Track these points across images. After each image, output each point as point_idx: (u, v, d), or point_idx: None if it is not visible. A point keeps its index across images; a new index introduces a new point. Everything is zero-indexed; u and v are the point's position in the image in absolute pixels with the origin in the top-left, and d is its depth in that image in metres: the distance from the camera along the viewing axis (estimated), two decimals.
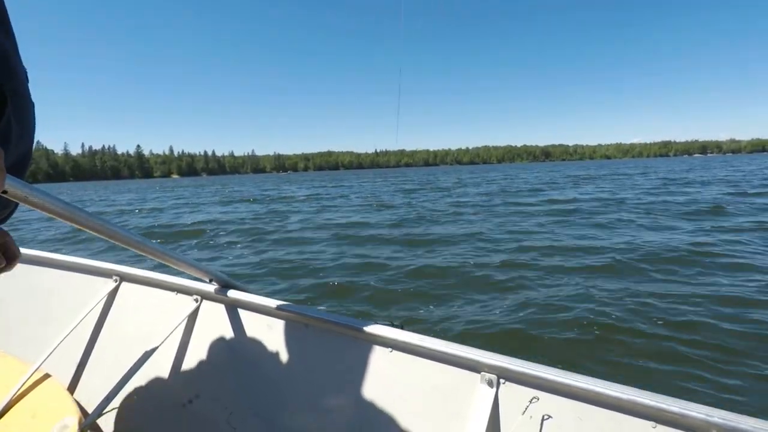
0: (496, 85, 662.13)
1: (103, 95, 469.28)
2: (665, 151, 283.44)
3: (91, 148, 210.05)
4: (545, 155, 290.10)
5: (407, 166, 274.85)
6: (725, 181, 18.56)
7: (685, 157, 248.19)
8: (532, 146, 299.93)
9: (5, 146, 0.45)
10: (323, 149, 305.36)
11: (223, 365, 1.05)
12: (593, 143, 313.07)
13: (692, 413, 0.61)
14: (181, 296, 1.16)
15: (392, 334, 0.88)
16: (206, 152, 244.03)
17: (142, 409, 1.07)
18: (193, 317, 1.11)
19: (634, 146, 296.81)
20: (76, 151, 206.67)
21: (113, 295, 1.24)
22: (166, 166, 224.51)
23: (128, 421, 1.06)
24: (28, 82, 0.52)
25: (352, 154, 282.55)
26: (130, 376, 0.97)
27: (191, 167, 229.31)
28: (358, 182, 38.49)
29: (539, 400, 0.74)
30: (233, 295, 1.05)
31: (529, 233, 7.43)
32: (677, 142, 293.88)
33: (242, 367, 1.02)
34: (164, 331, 1.06)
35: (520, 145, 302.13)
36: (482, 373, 0.79)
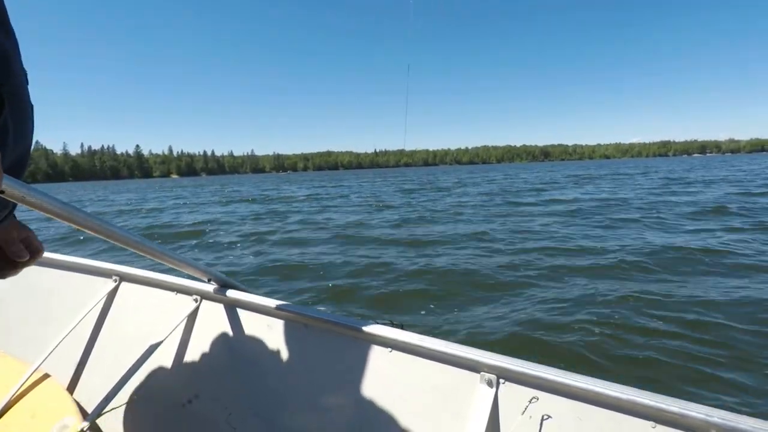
0: (495, 85, 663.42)
1: (102, 95, 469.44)
2: (664, 150, 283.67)
3: (90, 148, 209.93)
4: (544, 155, 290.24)
5: (406, 166, 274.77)
6: (727, 180, 18.50)
7: (684, 156, 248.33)
8: (531, 146, 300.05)
9: (2, 148, 0.45)
10: (323, 149, 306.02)
11: (222, 365, 1.05)
12: (592, 143, 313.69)
13: (692, 413, 0.61)
14: (180, 296, 1.15)
15: (392, 334, 0.87)
16: (205, 152, 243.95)
17: (141, 409, 1.07)
18: (192, 317, 1.11)
19: (633, 146, 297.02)
20: (75, 151, 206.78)
21: (113, 295, 1.24)
22: (165, 166, 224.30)
23: (128, 421, 1.06)
24: (27, 84, 0.52)
25: (351, 154, 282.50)
26: (129, 376, 0.97)
27: (190, 167, 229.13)
28: (357, 182, 38.41)
29: (539, 400, 0.74)
30: (233, 295, 1.05)
31: (532, 233, 7.35)
32: (676, 142, 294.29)
33: (242, 367, 1.02)
34: (164, 331, 1.06)
35: (519, 145, 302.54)
36: (482, 373, 0.79)
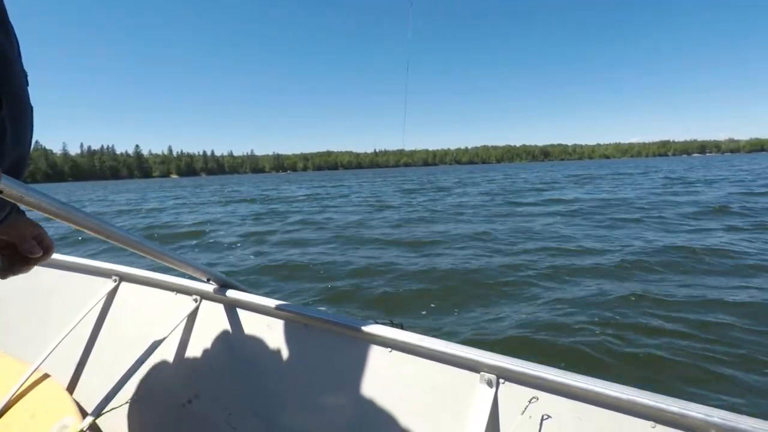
0: (495, 84, 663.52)
1: (102, 95, 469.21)
2: (664, 150, 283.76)
3: (89, 148, 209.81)
4: (544, 155, 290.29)
5: (406, 165, 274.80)
6: (729, 180, 18.46)
7: (683, 156, 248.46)
8: (531, 146, 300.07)
9: (0, 148, 0.44)
10: (322, 149, 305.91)
11: (222, 365, 1.05)
12: (592, 143, 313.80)
13: (691, 413, 0.61)
14: (180, 296, 1.15)
15: (392, 334, 0.88)
16: (205, 152, 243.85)
17: (141, 409, 1.07)
18: (192, 317, 1.11)
19: (632, 146, 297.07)
20: (74, 151, 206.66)
21: (112, 295, 1.24)
22: (165, 166, 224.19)
23: (127, 421, 1.06)
24: (27, 85, 0.51)
25: (351, 153, 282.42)
26: (129, 376, 0.97)
27: (190, 167, 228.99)
28: (357, 182, 38.37)
29: (539, 400, 0.73)
30: (233, 295, 1.05)
31: (533, 233, 7.30)
32: (676, 141, 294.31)
33: (242, 367, 1.02)
34: (164, 331, 1.06)
35: (519, 144, 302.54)
36: (482, 373, 0.79)
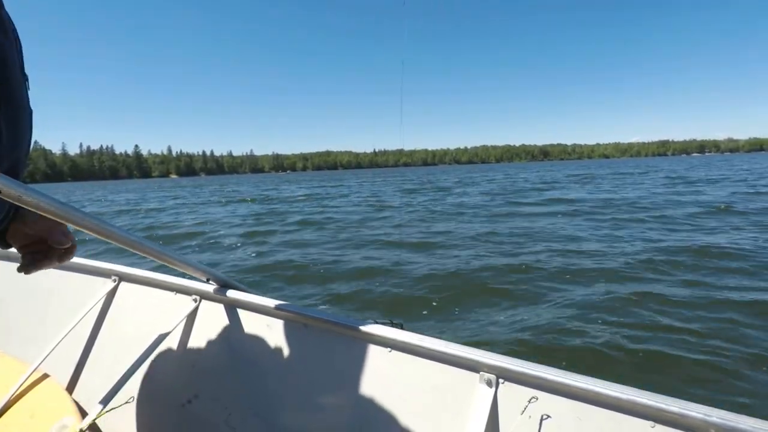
0: (495, 84, 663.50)
1: (101, 95, 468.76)
2: (663, 150, 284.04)
3: (89, 148, 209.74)
4: (544, 154, 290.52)
5: (405, 165, 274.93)
6: (732, 179, 18.40)
7: (683, 156, 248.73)
8: (530, 146, 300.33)
9: None
10: (322, 149, 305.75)
11: (222, 365, 1.05)
12: (591, 142, 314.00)
13: (691, 413, 0.61)
14: (180, 296, 1.15)
15: (391, 333, 0.87)
16: (204, 152, 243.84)
17: (141, 409, 1.07)
18: (192, 317, 1.11)
19: (632, 145, 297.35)
20: (74, 151, 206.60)
21: (112, 295, 1.24)
22: (164, 166, 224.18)
23: (127, 421, 1.06)
24: (27, 89, 0.51)
25: (350, 153, 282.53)
26: (129, 376, 0.97)
27: (189, 167, 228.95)
28: (357, 182, 38.32)
29: (538, 399, 0.73)
30: (232, 295, 1.05)
31: (536, 234, 7.21)
32: (675, 141, 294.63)
33: (241, 367, 1.02)
34: (163, 331, 1.06)
35: (518, 144, 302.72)
36: (481, 372, 0.79)
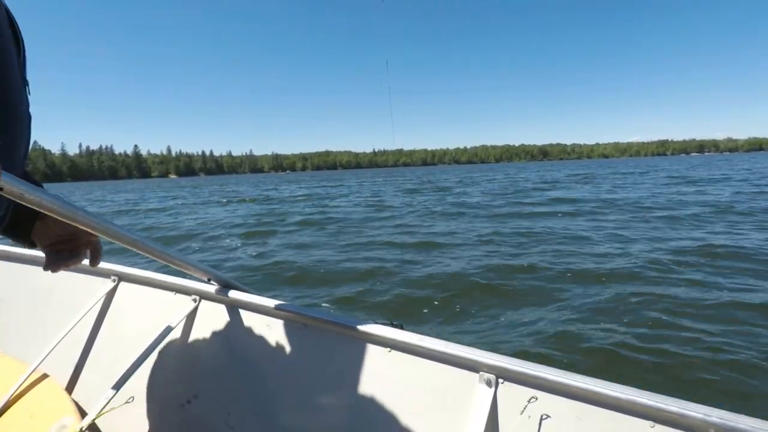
0: (494, 84, 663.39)
1: (101, 95, 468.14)
2: (663, 150, 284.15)
3: (88, 148, 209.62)
4: (543, 154, 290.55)
5: (405, 165, 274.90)
6: (734, 179, 18.32)
7: (682, 156, 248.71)
8: (530, 145, 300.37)
9: None
10: (321, 149, 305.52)
11: (221, 365, 1.05)
12: (591, 142, 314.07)
13: (691, 413, 0.61)
14: (179, 296, 1.15)
15: (391, 333, 0.87)
16: (204, 152, 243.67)
17: (140, 409, 1.07)
18: (191, 317, 1.11)
19: (631, 145, 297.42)
20: (73, 151, 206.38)
21: (111, 295, 1.24)
22: (163, 166, 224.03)
23: (126, 421, 1.06)
24: (28, 93, 0.51)
25: (350, 153, 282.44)
26: (128, 376, 0.97)
27: (189, 167, 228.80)
28: (357, 182, 38.26)
29: (538, 399, 0.73)
30: (232, 294, 1.05)
31: (540, 234, 7.14)
32: (674, 141, 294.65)
33: (241, 367, 1.02)
34: (163, 331, 1.05)
35: (517, 144, 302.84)
36: (481, 372, 0.79)
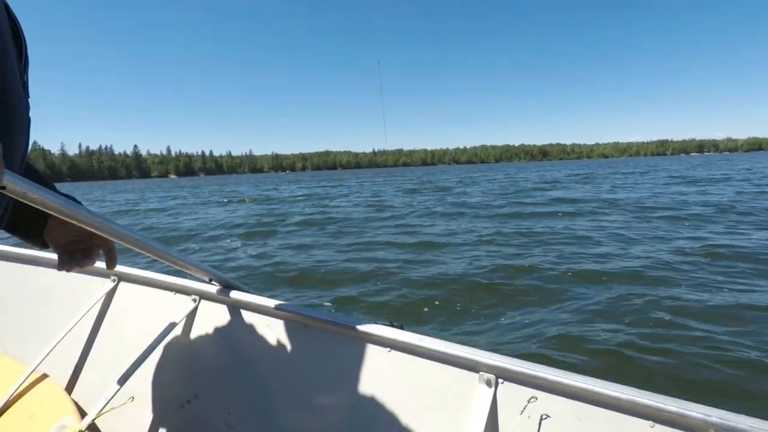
0: (494, 84, 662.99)
1: (101, 95, 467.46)
2: (662, 149, 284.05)
3: (88, 148, 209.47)
4: (543, 154, 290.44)
5: (405, 165, 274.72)
6: (735, 179, 18.30)
7: (682, 156, 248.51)
8: (529, 145, 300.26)
9: None
10: (321, 149, 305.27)
11: (221, 365, 1.05)
12: (591, 142, 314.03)
13: (690, 413, 0.61)
14: (179, 296, 1.15)
15: (391, 333, 0.88)
16: (203, 152, 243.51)
17: (140, 409, 1.07)
18: (191, 317, 1.11)
19: (631, 145, 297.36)
20: (73, 151, 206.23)
21: (111, 295, 1.24)
22: (163, 166, 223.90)
23: (126, 421, 1.06)
24: (26, 96, 0.50)
25: (350, 153, 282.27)
26: (128, 376, 0.97)
27: (189, 167, 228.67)
28: (357, 182, 38.21)
29: (538, 399, 0.73)
30: (232, 295, 1.05)
31: (542, 234, 7.11)
32: (674, 141, 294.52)
33: (241, 367, 1.02)
34: (162, 331, 1.05)
35: (517, 144, 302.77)
36: (481, 372, 0.79)
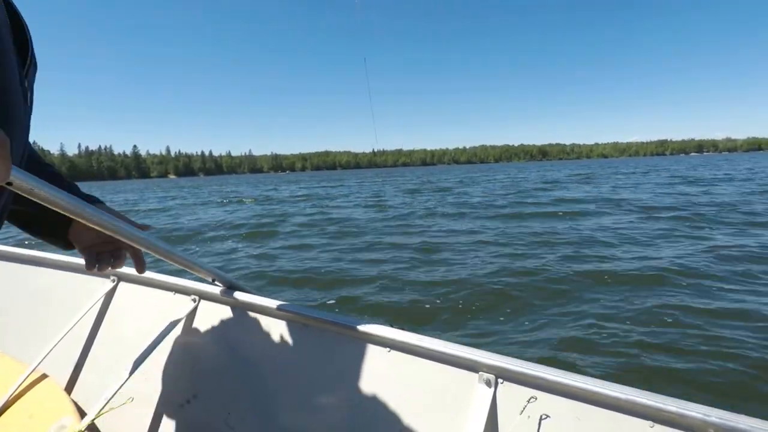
0: (494, 84, 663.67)
1: (100, 95, 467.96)
2: (662, 149, 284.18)
3: (87, 148, 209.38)
4: (542, 154, 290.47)
5: (404, 165, 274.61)
6: (738, 179, 18.23)
7: (681, 156, 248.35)
8: (529, 145, 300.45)
9: None
10: (320, 149, 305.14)
11: (221, 365, 1.05)
12: (590, 142, 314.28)
13: (690, 413, 0.61)
14: (179, 296, 1.15)
15: (391, 333, 0.88)
16: (203, 152, 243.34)
17: (139, 409, 1.07)
18: (191, 317, 1.11)
19: (630, 145, 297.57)
20: (72, 151, 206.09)
21: (111, 295, 1.24)
22: (162, 166, 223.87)
23: (126, 421, 1.06)
24: (24, 103, 0.50)
25: (349, 153, 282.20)
26: (127, 376, 0.96)
27: (188, 167, 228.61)
28: (357, 182, 38.11)
29: (537, 399, 0.73)
30: (231, 295, 1.05)
31: (545, 235, 7.02)
32: (674, 141, 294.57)
33: (240, 367, 1.03)
34: (162, 331, 1.06)
35: (517, 144, 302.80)
36: (480, 372, 0.79)
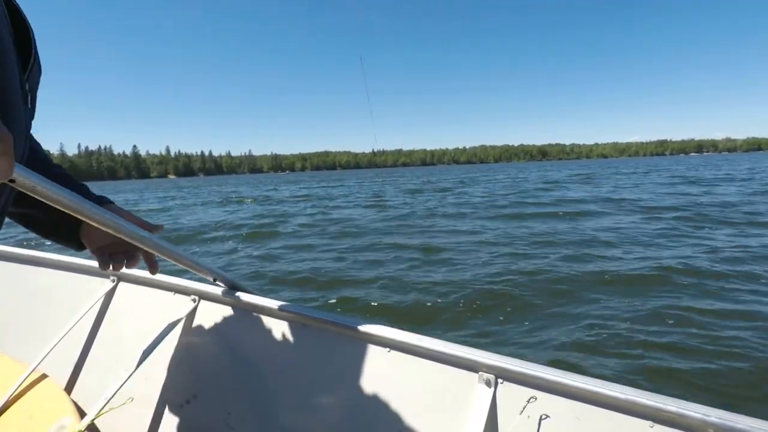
0: (493, 84, 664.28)
1: (100, 95, 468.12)
2: (661, 150, 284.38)
3: (87, 148, 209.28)
4: (542, 154, 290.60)
5: (404, 165, 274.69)
6: (738, 179, 18.23)
7: (681, 156, 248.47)
8: (528, 145, 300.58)
9: None
10: (320, 149, 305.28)
11: (220, 365, 1.05)
12: (590, 142, 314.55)
13: (690, 413, 0.62)
14: (179, 296, 1.15)
15: (390, 334, 0.88)
16: (203, 152, 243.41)
17: (139, 409, 1.07)
18: (191, 317, 1.11)
19: (630, 145, 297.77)
20: (72, 151, 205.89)
21: (111, 295, 1.24)
22: (162, 166, 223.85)
23: (126, 421, 1.06)
24: (25, 105, 0.50)
25: (349, 153, 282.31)
26: (127, 376, 0.96)
27: (188, 167, 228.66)
28: (357, 182, 38.14)
29: (537, 399, 0.73)
30: (231, 295, 1.06)
31: (547, 235, 7.03)
32: (673, 141, 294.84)
33: (240, 367, 1.03)
34: (162, 331, 1.06)
35: (516, 144, 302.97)
36: (480, 372, 0.79)
